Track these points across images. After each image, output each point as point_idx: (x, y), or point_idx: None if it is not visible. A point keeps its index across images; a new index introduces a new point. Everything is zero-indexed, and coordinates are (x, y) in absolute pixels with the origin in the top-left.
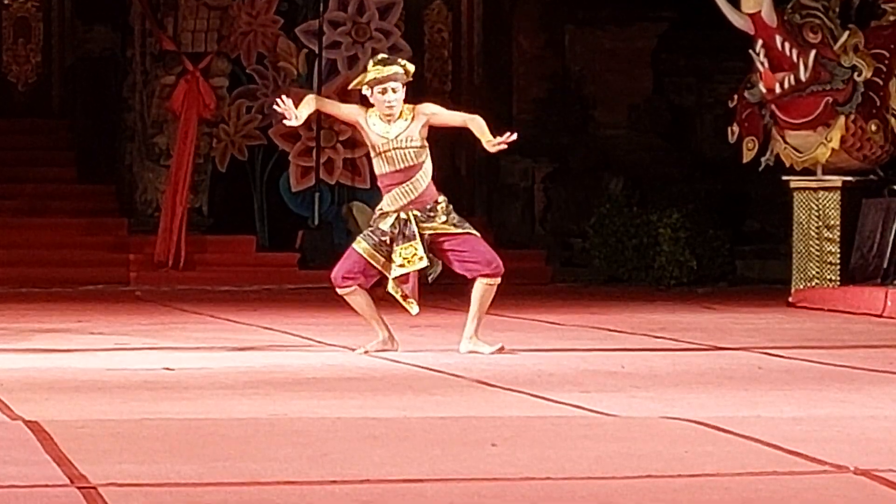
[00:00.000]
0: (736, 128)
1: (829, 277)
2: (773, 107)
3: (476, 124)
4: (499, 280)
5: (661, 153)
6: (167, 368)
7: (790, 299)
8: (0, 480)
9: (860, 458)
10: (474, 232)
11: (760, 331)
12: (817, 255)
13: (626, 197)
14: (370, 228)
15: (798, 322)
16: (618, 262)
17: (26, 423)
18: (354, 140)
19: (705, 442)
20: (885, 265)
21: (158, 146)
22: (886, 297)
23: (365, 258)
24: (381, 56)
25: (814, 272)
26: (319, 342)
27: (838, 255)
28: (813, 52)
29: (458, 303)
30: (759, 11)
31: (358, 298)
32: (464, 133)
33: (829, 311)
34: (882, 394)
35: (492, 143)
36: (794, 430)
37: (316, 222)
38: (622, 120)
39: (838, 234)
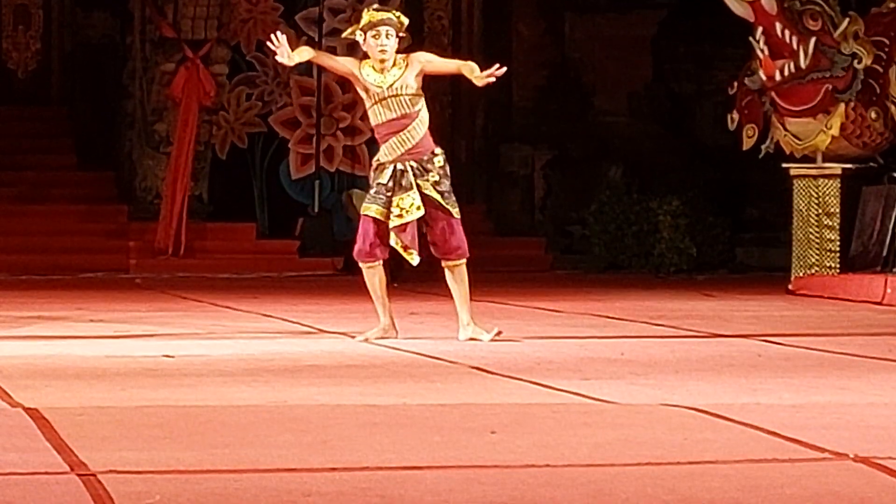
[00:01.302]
0: (736, 115)
1: (828, 265)
2: (772, 94)
3: (467, 68)
4: (463, 260)
5: (661, 140)
6: (167, 356)
7: (790, 287)
8: (0, 467)
9: (860, 446)
10: (455, 213)
11: (760, 318)
12: (817, 243)
13: (626, 184)
14: (373, 189)
15: (798, 309)
16: (617, 250)
17: (26, 409)
18: (354, 127)
19: (705, 429)
20: (884, 253)
21: (158, 133)
22: (886, 284)
23: (379, 220)
24: (375, 5)
25: (813, 259)
26: (319, 329)
27: (838, 243)
28: (813, 40)
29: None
30: None
31: (375, 275)
32: (463, 120)
33: (829, 298)
34: (882, 381)
35: (480, 77)
36: (793, 417)
37: (316, 210)
38: (622, 107)
39: (838, 221)
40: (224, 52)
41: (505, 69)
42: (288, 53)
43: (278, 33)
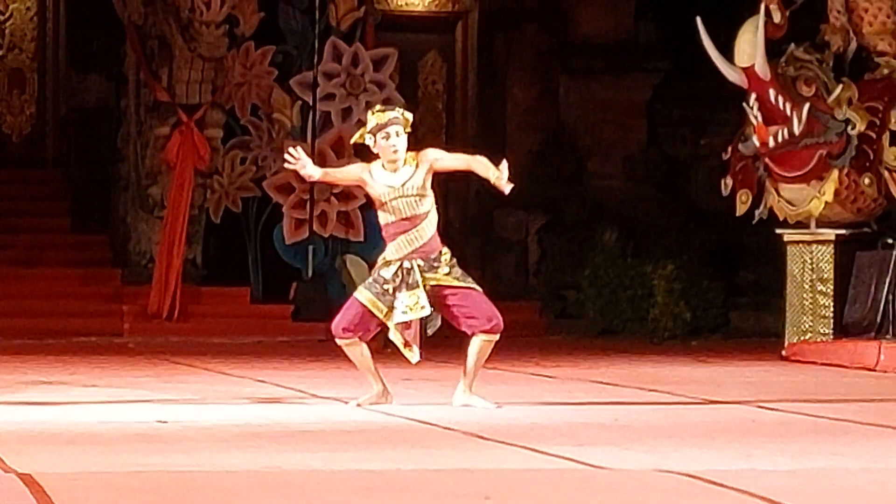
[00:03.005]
0: (730, 180)
1: (822, 331)
2: (766, 160)
3: (479, 164)
4: (497, 337)
5: (656, 204)
6: (160, 421)
7: (784, 352)
8: None
9: None
10: (477, 287)
11: (754, 384)
12: (811, 309)
13: (621, 248)
14: (372, 278)
15: (791, 375)
16: (612, 314)
17: (19, 475)
18: (348, 193)
19: (699, 495)
20: (878, 319)
21: (152, 197)
22: (880, 350)
23: (367, 307)
24: (378, 106)
25: (807, 325)
26: (313, 395)
27: (832, 309)
28: (807, 106)
29: (451, 356)
30: (753, 65)
31: (356, 350)
32: (456, 186)
33: (823, 364)
34: (876, 447)
35: (500, 178)
36: (788, 483)
37: (310, 275)
38: (616, 171)
39: (832, 287)
40: (218, 116)
41: (505, 163)
42: (310, 165)
43: (297, 149)
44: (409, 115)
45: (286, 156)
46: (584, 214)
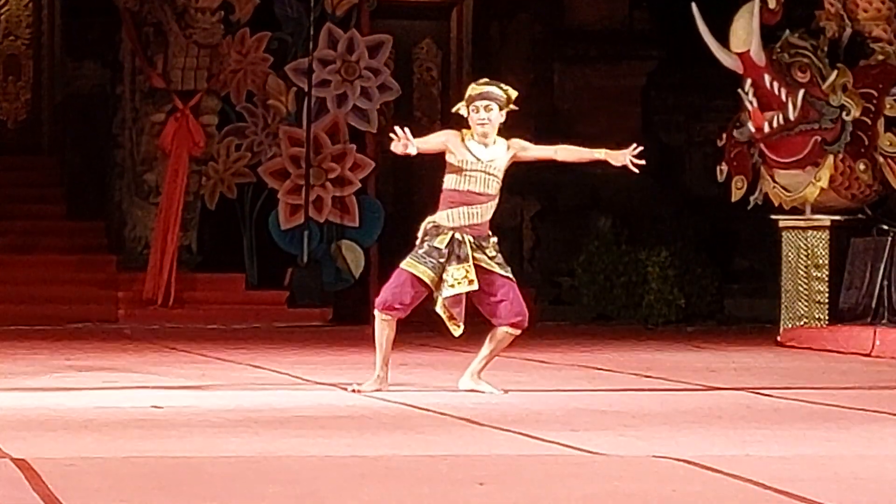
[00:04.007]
0: (724, 167)
1: (817, 317)
2: (761, 146)
3: (569, 153)
4: (520, 332)
5: (650, 191)
6: (155, 406)
7: (779, 338)
8: None
9: (849, 497)
10: (513, 279)
11: (749, 370)
12: (806, 295)
13: (615, 235)
14: (423, 249)
15: (786, 361)
16: (606, 301)
17: (14, 461)
18: (344, 178)
19: (694, 481)
20: (873, 304)
21: (148, 183)
22: (875, 336)
23: (424, 280)
24: (483, 80)
25: (802, 311)
26: (308, 380)
27: (827, 295)
28: (801, 92)
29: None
30: (748, 50)
31: (388, 329)
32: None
33: (818, 350)
34: (870, 433)
35: (615, 157)
36: (782, 468)
37: (305, 260)
38: None
39: (827, 273)
40: (214, 102)
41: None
42: (413, 143)
43: (405, 130)
44: (514, 93)
45: (392, 136)
46: (578, 201)
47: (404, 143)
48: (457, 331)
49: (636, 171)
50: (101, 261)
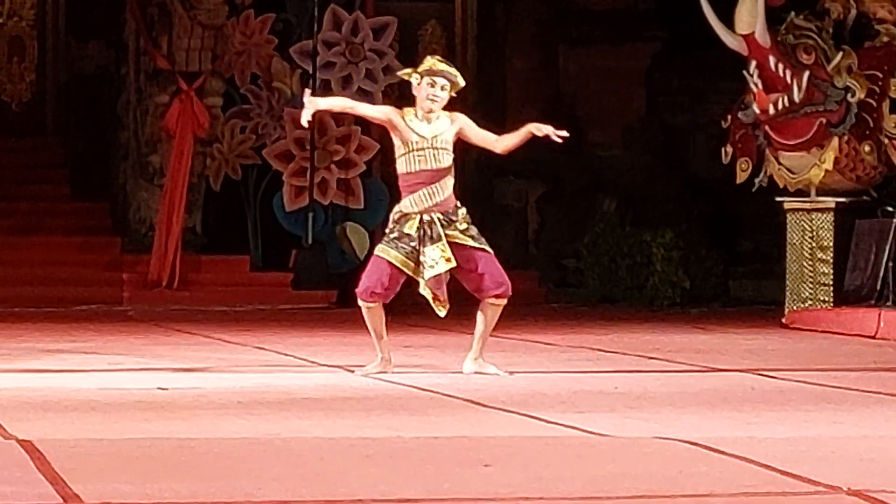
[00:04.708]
0: (729, 148)
1: (822, 298)
2: (766, 127)
3: (506, 142)
4: (505, 301)
5: (655, 173)
6: (160, 388)
7: (783, 320)
8: None
9: (853, 479)
10: (489, 250)
11: (754, 352)
12: (811, 276)
13: (620, 217)
14: (392, 236)
15: (791, 343)
16: (611, 282)
17: (20, 442)
18: (349, 160)
19: (699, 462)
20: (878, 286)
21: (152, 165)
22: (880, 318)
23: (397, 266)
24: (439, 58)
25: (807, 293)
26: (313, 362)
27: (832, 277)
28: (806, 73)
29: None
30: (753, 32)
31: (375, 315)
32: (456, 154)
33: (823, 332)
34: (875, 414)
35: (539, 128)
36: (787, 450)
37: (309, 242)
38: (616, 140)
39: (832, 255)
40: (218, 84)
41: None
42: (314, 105)
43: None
44: (462, 83)
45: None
46: (583, 183)
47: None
48: (442, 311)
49: (559, 140)
50: (106, 243)
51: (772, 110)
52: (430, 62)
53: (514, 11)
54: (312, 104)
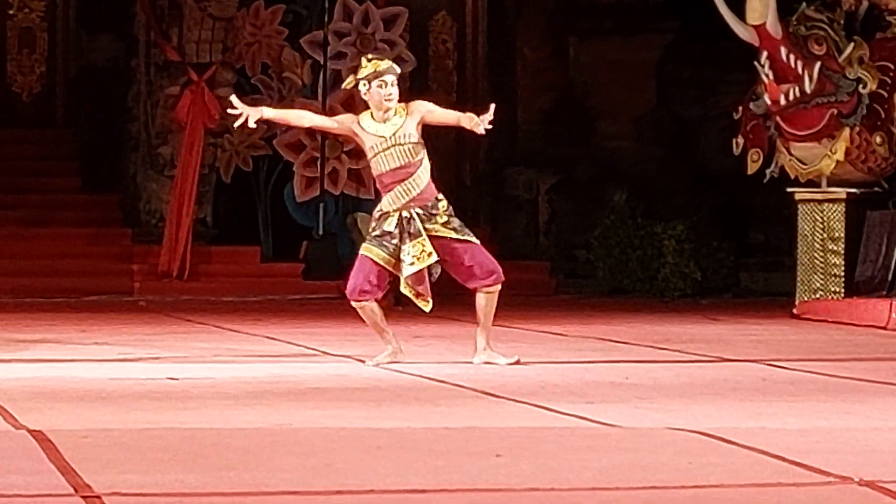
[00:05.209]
0: (741, 139)
1: (833, 289)
2: (777, 118)
3: (468, 119)
4: (499, 288)
5: (666, 165)
6: (171, 378)
7: (794, 311)
8: (5, 489)
9: (865, 470)
10: (474, 240)
11: (764, 342)
12: (822, 267)
13: (631, 208)
14: (375, 234)
15: (802, 334)
16: (622, 274)
17: (31, 432)
18: (359, 151)
19: (710, 453)
20: (889, 277)
21: (163, 156)
22: (891, 309)
23: (380, 265)
24: (370, 55)
25: (818, 284)
26: (323, 352)
27: (843, 268)
28: (818, 64)
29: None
30: (764, 23)
31: (370, 311)
32: (467, 144)
33: (834, 323)
34: (886, 405)
35: (473, 121)
36: (798, 441)
37: (320, 233)
38: (627, 131)
39: (843, 246)
40: (229, 75)
41: (493, 108)
42: (248, 113)
43: (233, 98)
44: (399, 70)
45: (229, 110)
46: (594, 174)
47: (243, 115)
48: (426, 306)
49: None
50: (116, 234)
51: (783, 101)
52: (371, 64)
53: (525, 2)
54: (257, 112)
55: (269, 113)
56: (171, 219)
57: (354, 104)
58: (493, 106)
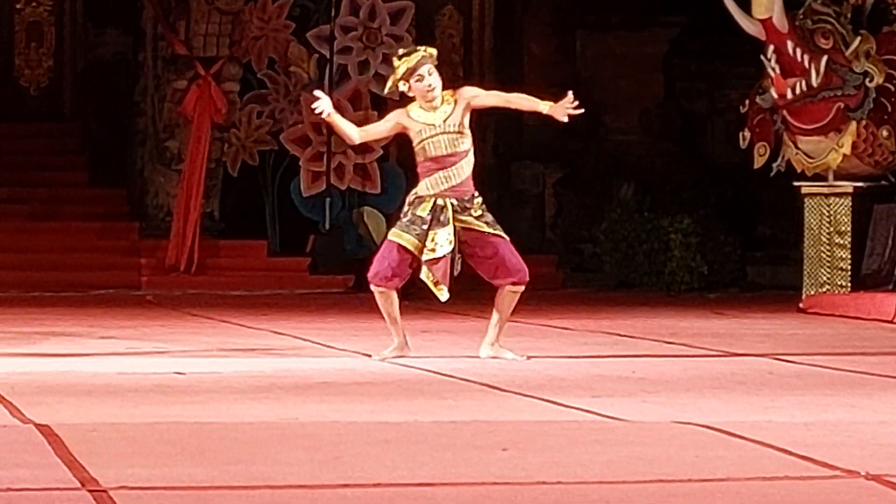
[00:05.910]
0: (747, 133)
1: (840, 283)
2: (784, 112)
3: (522, 101)
4: (522, 288)
5: (673, 159)
6: (178, 372)
7: (801, 305)
8: (12, 483)
9: (871, 463)
10: (505, 236)
11: (771, 336)
12: (828, 261)
13: (637, 202)
14: (406, 218)
15: (809, 328)
16: (629, 268)
17: (38, 426)
18: (365, 145)
19: (716, 446)
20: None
21: (170, 150)
22: None
23: (409, 250)
24: (401, 51)
25: (825, 278)
26: (330, 346)
27: (849, 261)
28: (824, 58)
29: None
30: (771, 17)
31: (388, 299)
32: (473, 138)
33: (840, 317)
34: (893, 399)
35: (554, 109)
36: (804, 434)
37: (327, 227)
38: (633, 125)
39: (849, 239)
40: (236, 69)
41: (571, 94)
42: (328, 109)
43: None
44: (434, 51)
45: (314, 105)
46: (600, 168)
47: (322, 104)
48: (443, 295)
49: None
50: (124, 228)
51: (790, 95)
52: (403, 62)
53: None
54: (330, 108)
55: (337, 118)
56: (178, 213)
57: (361, 98)
58: (570, 93)
